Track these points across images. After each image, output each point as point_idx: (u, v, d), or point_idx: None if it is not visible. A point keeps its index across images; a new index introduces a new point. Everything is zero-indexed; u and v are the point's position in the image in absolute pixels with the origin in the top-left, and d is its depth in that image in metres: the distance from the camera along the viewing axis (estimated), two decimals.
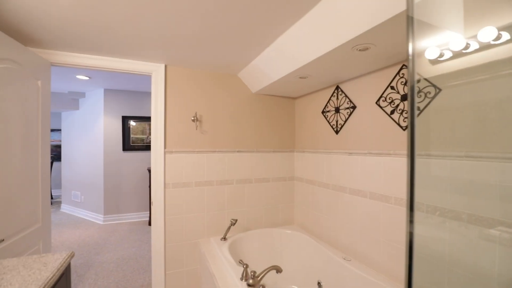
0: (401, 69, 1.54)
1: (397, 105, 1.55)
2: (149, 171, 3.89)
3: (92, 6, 1.29)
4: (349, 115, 1.90)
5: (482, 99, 1.09)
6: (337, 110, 2.02)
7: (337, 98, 2.02)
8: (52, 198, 5.79)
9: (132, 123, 4.44)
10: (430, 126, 1.38)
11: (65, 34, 1.60)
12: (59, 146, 6.22)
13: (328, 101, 2.13)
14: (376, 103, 1.68)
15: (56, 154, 6.31)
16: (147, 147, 4.51)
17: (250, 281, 1.40)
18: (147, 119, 4.50)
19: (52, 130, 6.27)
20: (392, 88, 1.57)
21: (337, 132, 2.02)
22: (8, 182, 1.42)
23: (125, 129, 4.38)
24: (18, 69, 1.52)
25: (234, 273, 1.58)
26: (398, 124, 1.55)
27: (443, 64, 1.36)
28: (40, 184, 1.73)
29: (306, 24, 1.41)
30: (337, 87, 2.02)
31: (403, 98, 1.53)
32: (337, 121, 2.02)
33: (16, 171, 1.49)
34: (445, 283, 1.23)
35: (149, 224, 4.10)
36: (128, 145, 4.40)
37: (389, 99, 1.59)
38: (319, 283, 1.93)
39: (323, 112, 2.20)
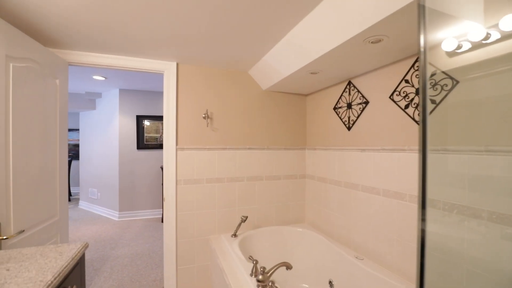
0: (416, 61, 1.49)
1: (412, 99, 1.50)
2: (162, 169, 3.97)
3: (105, 7, 1.32)
4: (362, 111, 1.85)
5: (503, 92, 1.03)
6: (349, 106, 1.98)
7: (349, 94, 1.98)
8: (70, 195, 6.01)
9: (146, 122, 4.54)
10: (447, 120, 1.32)
11: (81, 35, 1.66)
12: (77, 145, 6.46)
13: (340, 97, 2.09)
14: (390, 97, 1.63)
15: (74, 153, 6.55)
16: (161, 146, 4.60)
17: (260, 276, 1.39)
18: (161, 118, 4.59)
19: (71, 130, 6.52)
20: (407, 81, 1.52)
21: (349, 128, 1.98)
22: (28, 176, 1.49)
23: (139, 128, 4.48)
24: (38, 68, 1.59)
25: (244, 269, 1.57)
26: (413, 119, 1.49)
27: (461, 56, 1.30)
28: (58, 179, 1.79)
29: (316, 17, 1.39)
30: (349, 83, 1.98)
31: (418, 92, 1.48)
32: (349, 117, 1.98)
33: (36, 166, 1.56)
34: (464, 284, 1.17)
35: (162, 221, 4.18)
36: (142, 143, 4.51)
37: (403, 93, 1.54)
38: (330, 282, 1.89)
39: (334, 108, 2.16)
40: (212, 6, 1.32)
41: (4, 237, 1.24)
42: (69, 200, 5.84)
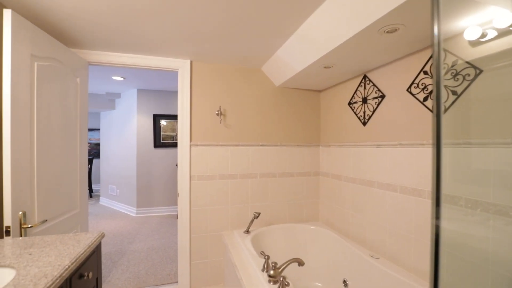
0: None
1: (431, 91, 1.43)
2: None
3: (126, 11, 1.37)
4: (378, 105, 1.79)
5: None
6: (364, 100, 1.93)
7: (365, 88, 1.92)
8: (92, 191, 6.27)
9: (163, 122, 4.65)
10: (470, 111, 1.25)
11: (102, 36, 1.73)
12: (98, 144, 6.73)
13: (355, 92, 2.03)
14: (407, 90, 1.56)
15: (96, 151, 6.83)
16: (176, 144, 4.70)
17: (271, 272, 1.38)
18: (176, 117, 4.69)
19: (92, 130, 6.80)
20: (425, 73, 1.46)
21: (364, 123, 1.92)
22: (51, 171, 1.56)
23: (156, 127, 4.60)
24: (60, 67, 1.67)
25: (255, 264, 1.57)
26: (432, 112, 1.42)
27: (485, 45, 1.23)
28: (78, 174, 1.87)
29: (328, 8, 1.36)
30: (364, 76, 1.92)
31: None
32: (364, 112, 1.92)
33: (58, 161, 1.63)
34: (489, 286, 1.10)
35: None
36: (158, 142, 4.62)
37: (422, 85, 1.47)
38: (344, 282, 1.85)
39: (349, 103, 2.11)
40: (225, 3, 1.33)
41: (29, 226, 1.31)
42: (91, 196, 6.09)
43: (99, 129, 6.66)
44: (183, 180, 2.18)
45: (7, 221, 1.23)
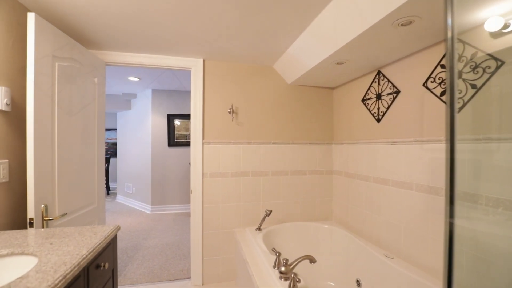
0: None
1: None
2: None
3: (143, 14, 1.41)
4: (392, 101, 1.75)
5: None
6: (378, 97, 1.88)
7: (379, 84, 1.88)
8: (109, 189, 6.48)
9: (177, 122, 4.74)
10: (491, 106, 1.20)
11: (119, 37, 1.79)
12: (115, 144, 6.94)
13: (369, 88, 1.99)
14: (424, 85, 1.52)
15: (113, 151, 7.06)
16: (190, 143, 4.77)
17: (282, 268, 1.38)
18: (190, 116, 4.77)
19: (110, 129, 7.03)
20: (442, 66, 1.40)
21: (378, 120, 1.88)
22: (70, 167, 1.63)
23: (170, 126, 4.70)
24: (79, 68, 1.74)
25: (267, 261, 1.57)
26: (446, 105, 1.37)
27: (508, 36, 1.17)
28: (96, 171, 1.95)
29: (340, 2, 1.34)
30: (378, 72, 1.88)
31: (455, 76, 1.36)
32: (378, 109, 1.88)
33: (76, 158, 1.70)
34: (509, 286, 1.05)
35: None
36: (172, 141, 4.72)
37: (439, 79, 1.42)
38: (358, 281, 1.81)
39: (363, 100, 2.06)
40: (236, 1, 1.34)
41: (50, 218, 1.37)
42: (108, 194, 6.30)
43: (116, 129, 6.87)
44: (195, 178, 2.21)
45: (31, 213, 1.30)
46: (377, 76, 1.90)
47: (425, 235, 1.47)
